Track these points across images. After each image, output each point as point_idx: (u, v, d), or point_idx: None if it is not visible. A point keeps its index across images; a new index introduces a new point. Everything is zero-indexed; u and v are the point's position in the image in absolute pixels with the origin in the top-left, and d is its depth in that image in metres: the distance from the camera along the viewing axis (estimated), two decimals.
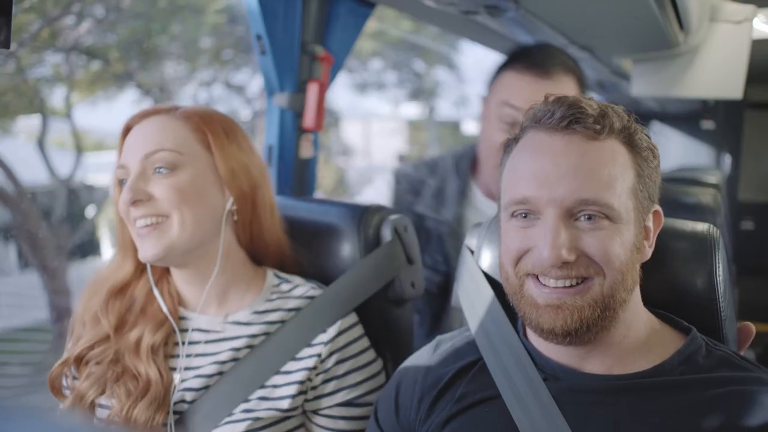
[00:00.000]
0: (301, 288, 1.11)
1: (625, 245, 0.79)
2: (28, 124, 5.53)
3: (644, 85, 2.34)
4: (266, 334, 1.05)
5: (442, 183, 1.47)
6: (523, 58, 1.33)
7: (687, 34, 1.99)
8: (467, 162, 1.45)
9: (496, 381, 0.87)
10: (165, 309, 1.06)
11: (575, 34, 1.90)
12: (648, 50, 2.22)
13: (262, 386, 1.02)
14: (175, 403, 1.01)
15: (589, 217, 0.78)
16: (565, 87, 1.29)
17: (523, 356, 0.87)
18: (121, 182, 1.05)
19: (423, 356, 0.97)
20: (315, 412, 1.06)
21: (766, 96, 4.74)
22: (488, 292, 0.96)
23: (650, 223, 0.85)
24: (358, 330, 1.10)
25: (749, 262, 4.54)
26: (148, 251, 1.01)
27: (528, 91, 1.31)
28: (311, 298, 1.08)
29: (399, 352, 1.19)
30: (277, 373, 1.03)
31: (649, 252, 0.85)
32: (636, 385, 0.82)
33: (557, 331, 0.79)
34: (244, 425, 0.99)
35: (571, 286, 0.79)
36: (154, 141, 1.03)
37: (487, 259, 1.10)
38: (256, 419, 1.00)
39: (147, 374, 1.00)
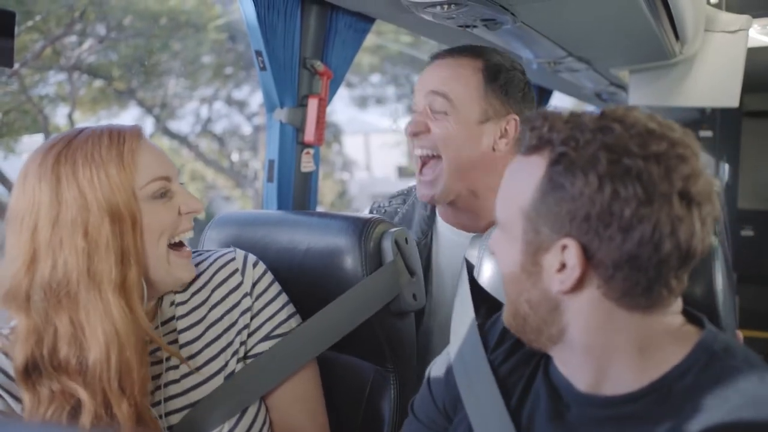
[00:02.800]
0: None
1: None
2: (32, 142, 5.56)
3: (641, 94, 2.35)
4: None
5: (411, 210, 1.46)
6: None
7: (683, 44, 2.01)
8: None
9: (467, 409, 0.85)
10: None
11: (573, 47, 1.91)
12: (645, 61, 2.24)
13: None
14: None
15: None
16: (465, 65, 1.28)
17: (493, 392, 0.84)
18: None
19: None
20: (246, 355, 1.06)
21: (763, 104, 4.75)
22: (470, 315, 0.94)
23: (566, 257, 0.71)
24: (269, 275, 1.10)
25: (750, 269, 4.53)
26: None
27: (423, 75, 1.32)
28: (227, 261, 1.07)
29: (402, 363, 1.19)
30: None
31: (557, 286, 0.73)
32: (618, 415, 0.73)
33: None
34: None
35: None
36: None
37: (488, 271, 1.11)
38: None
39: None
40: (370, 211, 1.54)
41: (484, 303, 0.98)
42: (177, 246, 1.00)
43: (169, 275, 0.99)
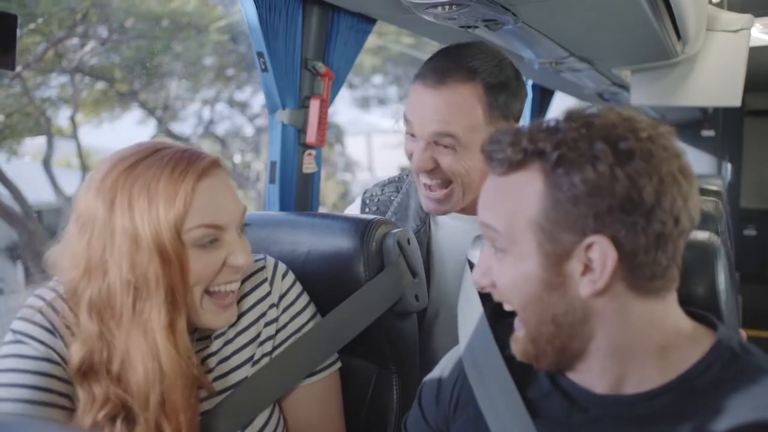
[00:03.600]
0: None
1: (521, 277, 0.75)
2: (34, 144, 5.58)
3: (643, 94, 2.35)
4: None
5: (405, 198, 1.45)
6: (423, 67, 1.27)
7: (685, 43, 2.00)
8: None
9: (479, 403, 0.85)
10: None
11: (574, 47, 1.91)
12: (647, 60, 2.23)
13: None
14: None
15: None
16: (465, 95, 1.22)
17: (506, 381, 0.83)
18: None
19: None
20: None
21: (766, 103, 4.75)
22: (479, 310, 0.93)
23: (591, 256, 0.70)
24: (298, 286, 1.09)
25: (753, 268, 4.54)
26: None
27: (418, 102, 1.26)
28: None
29: (405, 364, 1.19)
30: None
31: (588, 288, 0.71)
32: (641, 414, 0.73)
33: None
34: None
35: None
36: None
37: None
38: None
39: None
40: (362, 201, 1.53)
41: (487, 303, 0.98)
42: (217, 293, 0.96)
43: (199, 319, 0.95)
